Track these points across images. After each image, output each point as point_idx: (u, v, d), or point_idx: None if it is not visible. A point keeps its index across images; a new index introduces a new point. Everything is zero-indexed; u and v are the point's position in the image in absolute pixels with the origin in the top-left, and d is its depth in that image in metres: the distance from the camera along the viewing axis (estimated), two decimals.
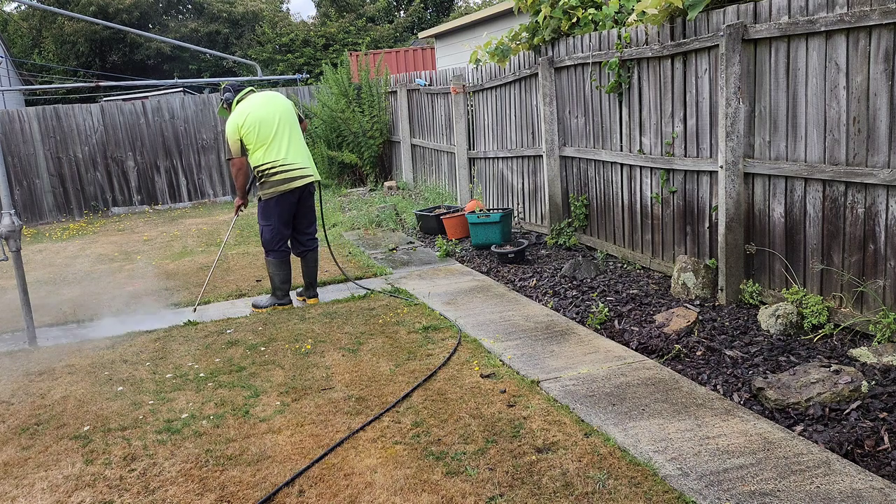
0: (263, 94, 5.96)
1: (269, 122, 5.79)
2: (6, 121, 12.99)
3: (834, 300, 4.37)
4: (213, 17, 31.96)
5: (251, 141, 5.77)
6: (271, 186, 5.83)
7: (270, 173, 5.80)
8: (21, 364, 5.10)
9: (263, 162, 5.79)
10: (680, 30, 5.32)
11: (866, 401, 3.46)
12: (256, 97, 5.91)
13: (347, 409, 3.89)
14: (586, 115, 6.74)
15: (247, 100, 5.88)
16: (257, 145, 5.77)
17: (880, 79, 3.89)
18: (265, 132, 5.77)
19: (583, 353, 4.46)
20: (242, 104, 5.84)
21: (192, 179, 14.25)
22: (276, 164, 5.80)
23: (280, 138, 5.83)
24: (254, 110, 5.78)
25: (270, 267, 6.03)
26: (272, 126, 5.80)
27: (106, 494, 3.22)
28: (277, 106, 5.89)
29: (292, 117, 5.96)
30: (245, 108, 5.79)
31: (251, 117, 5.75)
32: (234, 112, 5.83)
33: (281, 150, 5.81)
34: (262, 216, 5.96)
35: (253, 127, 5.73)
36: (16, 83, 23.23)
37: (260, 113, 5.78)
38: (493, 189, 9.10)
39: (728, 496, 2.81)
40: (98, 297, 6.97)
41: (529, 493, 2.94)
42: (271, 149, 5.79)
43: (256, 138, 5.76)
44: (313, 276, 6.24)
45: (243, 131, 5.74)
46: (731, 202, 4.90)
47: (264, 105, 5.84)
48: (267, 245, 5.99)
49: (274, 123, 5.81)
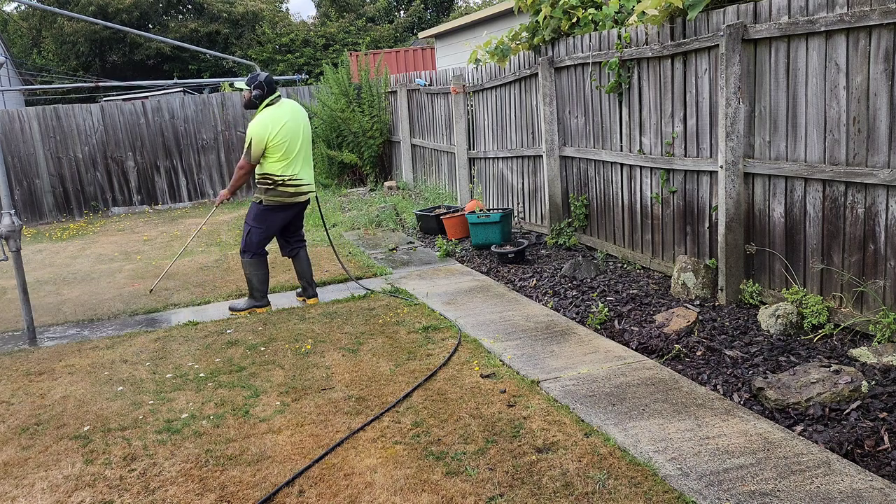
0: (291, 105, 5.85)
1: (296, 138, 5.77)
2: (6, 121, 12.99)
3: (834, 300, 4.37)
4: (212, 17, 31.97)
5: (276, 152, 5.67)
6: (278, 196, 5.80)
7: (281, 184, 5.77)
8: (21, 364, 5.11)
9: (280, 174, 5.74)
10: (680, 30, 5.32)
11: (866, 401, 3.46)
12: (287, 106, 5.79)
13: (347, 409, 3.89)
14: (586, 115, 6.74)
15: (278, 106, 5.74)
16: (281, 158, 5.71)
17: (880, 79, 3.89)
18: (292, 147, 5.74)
19: (583, 353, 4.46)
20: (274, 110, 5.71)
21: (192, 179, 14.25)
22: (290, 178, 5.79)
23: (300, 155, 5.84)
24: (288, 121, 5.70)
25: (249, 267, 5.95)
26: (297, 142, 5.79)
27: (106, 494, 3.22)
28: (303, 121, 5.87)
29: (310, 133, 5.97)
30: (279, 116, 5.68)
31: (286, 129, 5.67)
32: (266, 116, 5.66)
33: (297, 166, 5.81)
34: (257, 219, 5.88)
35: (284, 140, 5.67)
36: (16, 83, 23.24)
37: (292, 127, 5.72)
38: (493, 189, 9.10)
39: (728, 496, 2.81)
40: (98, 296, 6.97)
41: (529, 493, 2.94)
42: (291, 164, 5.77)
43: (284, 152, 5.70)
44: (309, 275, 6.22)
45: (275, 140, 5.63)
46: (731, 202, 4.90)
47: (294, 118, 5.77)
48: (250, 247, 5.90)
49: (299, 139, 5.81)
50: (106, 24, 14.24)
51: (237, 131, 14.33)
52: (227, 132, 14.31)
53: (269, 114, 5.68)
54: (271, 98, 5.77)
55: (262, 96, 5.74)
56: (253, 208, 5.92)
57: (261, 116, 5.69)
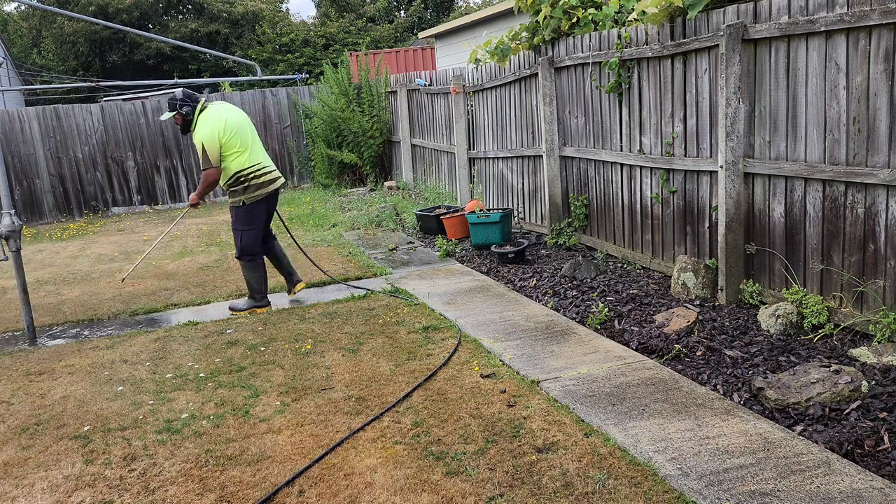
0: (223, 104, 5.93)
1: (244, 127, 5.85)
2: (6, 121, 12.99)
3: (834, 300, 4.37)
4: (213, 17, 31.96)
5: (234, 146, 5.73)
6: (256, 190, 5.85)
7: (254, 177, 5.83)
8: (21, 364, 5.11)
9: (248, 166, 5.80)
10: (680, 30, 5.32)
11: (866, 401, 3.46)
12: (220, 106, 5.87)
13: (347, 409, 3.89)
14: (586, 115, 6.74)
15: (211, 109, 5.82)
16: (240, 150, 5.77)
17: (880, 79, 3.89)
18: (245, 138, 5.82)
19: (583, 353, 4.46)
20: (210, 112, 5.78)
21: (192, 179, 14.25)
22: (258, 167, 5.86)
23: (255, 143, 5.92)
24: (229, 116, 5.77)
25: (248, 271, 5.99)
26: (247, 132, 5.87)
27: (106, 494, 3.22)
28: (241, 115, 5.96)
29: (252, 126, 6.02)
30: (219, 115, 5.75)
31: (230, 123, 5.73)
32: (205, 121, 5.72)
33: (258, 154, 5.90)
34: (244, 221, 5.90)
35: (235, 132, 5.73)
36: (16, 83, 23.23)
37: (235, 117, 5.81)
38: (493, 189, 9.10)
39: (728, 496, 2.81)
40: (98, 296, 6.97)
41: (529, 493, 2.94)
42: (252, 153, 5.85)
43: (240, 143, 5.76)
44: (288, 263, 6.31)
45: (225, 138, 5.69)
46: (731, 202, 4.90)
47: (233, 111, 5.86)
48: (246, 250, 5.93)
49: (247, 128, 5.89)
50: (106, 24, 14.26)
51: None
52: None
53: (206, 117, 5.74)
54: (200, 105, 5.84)
55: (191, 110, 5.81)
56: (237, 213, 5.91)
57: (201, 123, 5.73)
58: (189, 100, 5.84)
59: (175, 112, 5.84)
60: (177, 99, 5.83)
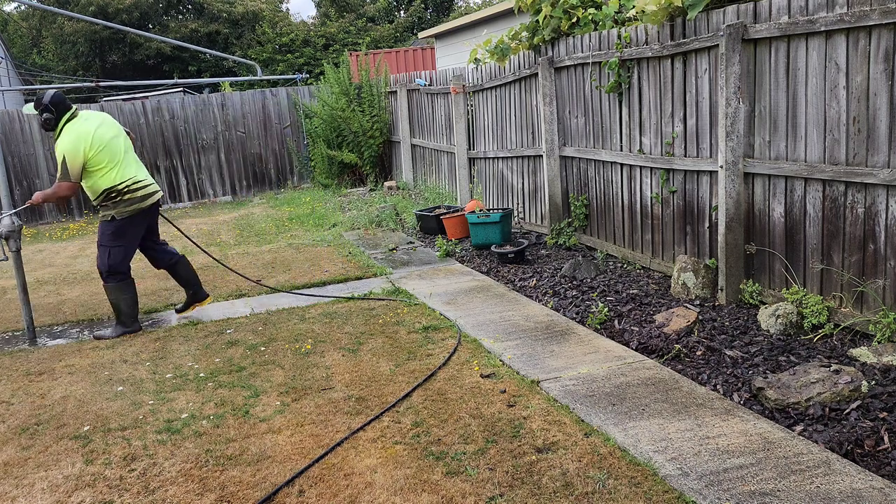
0: (97, 115, 5.60)
1: (116, 141, 5.53)
2: (6, 121, 12.99)
3: (834, 300, 4.37)
4: (213, 17, 31.97)
5: (101, 161, 5.39)
6: (130, 204, 5.51)
7: (128, 191, 5.51)
8: (21, 364, 5.11)
9: (121, 181, 5.48)
10: (680, 30, 5.32)
11: (866, 401, 3.46)
12: (90, 118, 5.51)
13: (347, 409, 3.89)
14: (586, 115, 6.74)
15: (81, 119, 5.46)
16: (110, 165, 5.44)
17: (880, 79, 3.89)
18: (115, 153, 5.48)
19: (583, 352, 4.46)
20: (77, 123, 5.41)
21: (192, 179, 14.25)
22: (132, 181, 5.54)
23: (128, 158, 5.60)
24: (97, 130, 5.43)
25: (115, 293, 5.58)
26: (119, 144, 5.55)
27: (106, 494, 3.22)
28: (116, 126, 5.64)
29: (126, 138, 5.72)
30: (86, 128, 5.39)
31: (98, 136, 5.40)
32: (71, 132, 5.36)
33: (131, 168, 5.57)
34: (113, 237, 5.53)
35: (103, 147, 5.40)
36: (16, 83, 23.23)
37: (104, 132, 5.47)
38: (493, 189, 9.10)
39: (728, 496, 2.81)
40: (98, 296, 6.97)
41: (529, 493, 2.94)
42: (123, 168, 5.51)
43: (109, 158, 5.43)
44: (196, 279, 6.02)
45: (91, 153, 5.35)
46: (731, 202, 4.90)
47: (104, 125, 5.52)
48: (114, 267, 5.54)
49: (121, 142, 5.58)
50: (106, 24, 14.25)
51: (237, 131, 14.34)
52: (227, 132, 14.31)
53: (73, 128, 5.39)
54: (68, 115, 5.45)
55: (53, 119, 5.41)
56: (105, 228, 5.55)
57: (66, 134, 5.38)
58: (53, 107, 5.39)
59: (42, 113, 5.42)
60: (42, 102, 5.40)
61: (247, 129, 14.44)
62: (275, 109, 14.53)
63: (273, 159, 14.67)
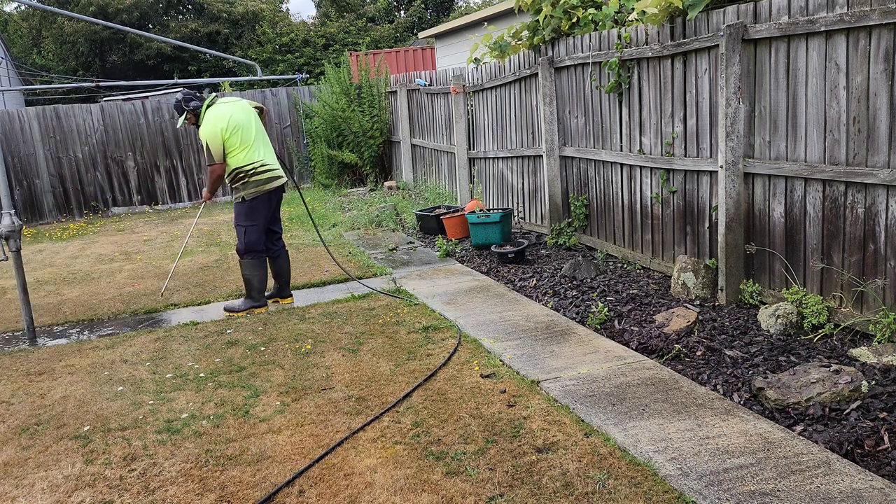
0: (233, 99, 6.04)
1: (248, 125, 5.89)
2: (6, 121, 12.99)
3: (834, 300, 4.37)
4: (213, 17, 31.95)
5: (234, 144, 5.78)
6: (255, 186, 5.86)
7: (254, 173, 5.85)
8: (21, 364, 5.11)
9: (247, 163, 5.83)
10: (680, 30, 5.31)
11: (866, 401, 3.46)
12: (227, 102, 5.96)
13: (347, 409, 3.89)
14: (586, 115, 6.74)
15: (218, 105, 5.90)
16: (241, 147, 5.81)
17: (880, 79, 3.89)
18: (247, 135, 5.85)
19: (583, 353, 4.46)
20: (216, 109, 5.85)
21: (192, 179, 14.25)
22: (257, 164, 5.88)
23: (258, 140, 5.95)
24: (233, 113, 5.83)
25: (249, 269, 5.98)
26: (251, 129, 5.91)
27: (106, 494, 3.22)
28: (249, 110, 6.00)
29: (260, 122, 6.08)
30: (223, 112, 5.81)
31: (233, 120, 5.78)
32: (211, 117, 5.80)
33: (260, 152, 5.93)
34: (246, 217, 5.92)
35: (237, 130, 5.78)
36: (16, 83, 23.22)
37: (239, 116, 5.85)
38: (493, 189, 9.10)
39: (728, 496, 2.81)
40: (98, 296, 6.97)
41: (529, 493, 2.94)
42: (253, 150, 5.87)
43: (240, 141, 5.80)
44: (287, 276, 6.29)
45: (227, 134, 5.75)
46: (731, 202, 4.90)
47: (240, 109, 5.92)
48: (250, 245, 5.94)
49: (252, 126, 5.92)
50: (106, 24, 14.25)
51: None
52: None
53: (212, 114, 5.81)
54: (208, 101, 5.93)
55: (198, 106, 5.90)
56: (238, 209, 5.95)
57: (206, 120, 5.81)
58: (193, 97, 5.93)
59: (186, 112, 5.92)
60: (181, 100, 5.92)
61: None
62: (275, 109, 14.53)
63: None
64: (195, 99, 5.93)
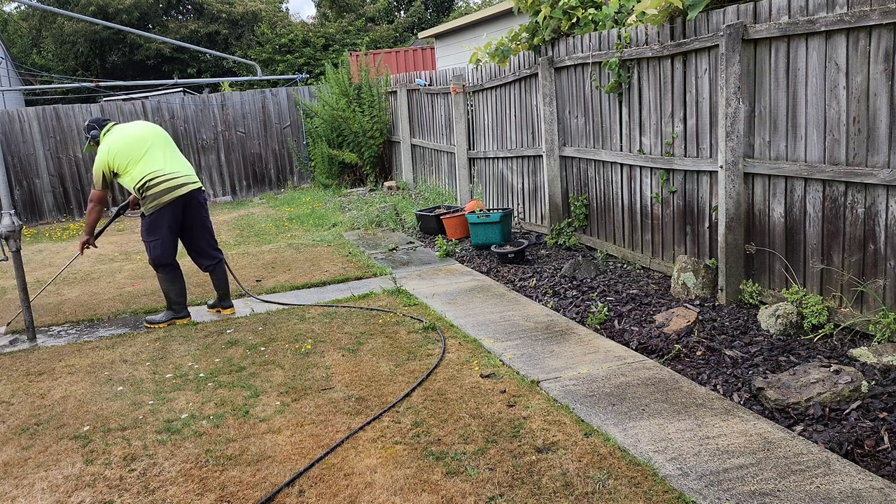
0: (132, 124, 5.90)
1: (139, 139, 5.70)
2: (6, 121, 12.99)
3: (834, 300, 4.37)
4: (212, 17, 31.95)
5: (123, 163, 5.61)
6: (153, 200, 5.61)
7: (151, 185, 5.60)
8: (21, 364, 5.11)
9: (142, 176, 5.61)
10: (680, 30, 5.32)
11: (866, 401, 3.46)
12: (123, 125, 5.86)
13: (347, 409, 3.89)
14: (586, 115, 6.74)
15: (113, 130, 5.80)
16: (132, 164, 5.62)
17: (880, 79, 3.89)
18: (136, 149, 5.65)
19: (583, 352, 4.46)
20: (110, 135, 5.76)
21: None
22: (155, 174, 5.62)
23: (153, 151, 5.71)
24: (122, 133, 5.72)
25: (164, 283, 5.83)
26: (144, 142, 5.70)
27: (106, 494, 3.22)
28: (149, 127, 5.88)
29: (166, 137, 5.90)
30: (112, 138, 5.71)
31: (118, 141, 5.66)
32: (103, 145, 5.72)
33: (157, 162, 5.67)
34: (149, 232, 5.71)
35: (122, 149, 5.63)
36: (16, 83, 23.22)
37: (128, 132, 5.73)
38: (493, 189, 9.10)
39: (728, 496, 2.81)
40: (98, 296, 6.97)
41: (529, 493, 2.94)
42: (146, 161, 5.64)
43: (128, 158, 5.62)
44: (226, 288, 6.09)
45: (111, 157, 5.61)
46: (731, 202, 4.90)
47: (133, 127, 5.82)
48: (158, 260, 5.73)
49: (146, 140, 5.72)
50: (106, 25, 14.25)
51: (237, 131, 14.34)
52: (226, 132, 14.32)
53: (104, 144, 5.72)
54: (106, 129, 5.82)
55: (97, 135, 5.84)
56: (142, 225, 5.78)
57: (99, 150, 5.74)
58: (94, 125, 5.88)
59: (88, 140, 5.90)
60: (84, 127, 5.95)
61: (247, 129, 14.44)
62: (275, 109, 14.53)
63: (273, 159, 14.67)
64: (95, 128, 5.86)
